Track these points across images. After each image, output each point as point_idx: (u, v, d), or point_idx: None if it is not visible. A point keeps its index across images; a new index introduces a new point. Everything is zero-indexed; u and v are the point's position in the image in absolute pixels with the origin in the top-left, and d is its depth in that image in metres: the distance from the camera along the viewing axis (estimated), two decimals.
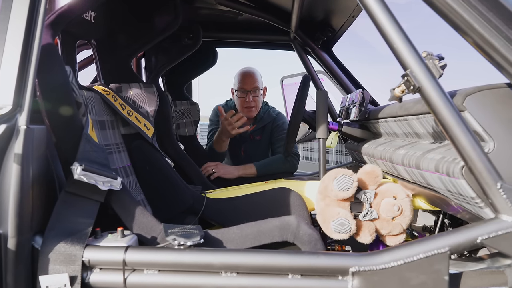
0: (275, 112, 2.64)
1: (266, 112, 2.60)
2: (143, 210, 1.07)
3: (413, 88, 0.85)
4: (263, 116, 2.58)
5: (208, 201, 1.58)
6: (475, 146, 0.82)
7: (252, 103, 2.47)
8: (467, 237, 0.84)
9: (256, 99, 2.49)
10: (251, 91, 2.47)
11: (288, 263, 0.88)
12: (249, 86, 2.47)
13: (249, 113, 2.50)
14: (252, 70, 2.55)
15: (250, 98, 2.46)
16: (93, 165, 0.98)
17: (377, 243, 1.38)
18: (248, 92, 2.47)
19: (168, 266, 0.90)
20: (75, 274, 0.88)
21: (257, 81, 2.49)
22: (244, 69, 2.57)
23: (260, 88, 2.51)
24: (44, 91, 0.96)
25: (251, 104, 2.48)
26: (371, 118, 1.63)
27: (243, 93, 2.48)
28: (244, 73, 2.52)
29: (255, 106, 2.50)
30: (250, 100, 2.46)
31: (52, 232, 0.91)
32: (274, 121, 2.58)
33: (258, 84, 2.49)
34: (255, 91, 2.48)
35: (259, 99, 2.51)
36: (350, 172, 1.22)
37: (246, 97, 2.47)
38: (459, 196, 0.96)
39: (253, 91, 2.47)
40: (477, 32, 0.86)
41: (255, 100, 2.48)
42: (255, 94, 2.48)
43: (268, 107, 2.65)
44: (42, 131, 0.94)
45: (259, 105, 2.53)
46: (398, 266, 0.84)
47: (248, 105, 2.48)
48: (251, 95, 2.47)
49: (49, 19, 1.07)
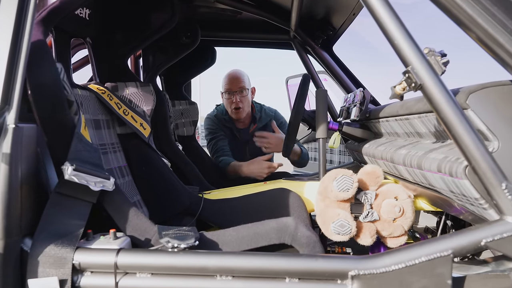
0: (271, 111, 2.69)
1: (262, 111, 2.64)
2: (137, 211, 1.05)
3: (414, 85, 0.83)
4: (261, 115, 2.61)
5: (205, 202, 1.56)
6: (478, 145, 0.79)
7: (240, 103, 2.51)
8: (471, 240, 0.82)
9: (243, 99, 2.52)
10: (237, 91, 2.50)
11: (285, 266, 0.86)
12: (235, 87, 2.51)
13: (238, 115, 2.54)
14: (237, 71, 2.59)
15: (237, 99, 2.49)
16: (85, 165, 0.96)
17: (378, 245, 1.35)
18: (235, 93, 2.50)
19: (161, 269, 0.88)
20: (65, 277, 0.85)
21: (242, 82, 2.53)
22: (230, 71, 2.61)
23: (247, 87, 2.54)
24: (34, 88, 0.94)
25: (239, 105, 2.51)
26: (372, 117, 1.61)
27: (230, 95, 2.52)
28: (230, 74, 2.56)
29: (242, 106, 2.53)
30: (238, 100, 2.50)
31: (42, 234, 0.89)
32: (276, 120, 2.61)
33: (244, 84, 2.53)
34: (242, 92, 2.51)
35: (245, 99, 2.54)
36: (350, 173, 1.20)
37: (233, 98, 2.50)
38: (462, 197, 0.93)
39: (239, 92, 2.50)
40: (480, 27, 0.83)
41: (242, 100, 2.51)
42: (242, 95, 2.51)
43: (261, 106, 2.68)
44: (32, 130, 0.92)
45: (246, 105, 2.56)
46: (399, 270, 0.82)
47: (236, 106, 2.51)
48: (238, 96, 2.50)
49: (41, 15, 1.04)
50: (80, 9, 1.32)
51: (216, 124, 2.61)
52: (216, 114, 2.65)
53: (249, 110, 2.60)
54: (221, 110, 2.65)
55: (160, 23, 1.64)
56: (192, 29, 2.09)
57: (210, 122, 2.64)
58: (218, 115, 2.63)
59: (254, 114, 2.62)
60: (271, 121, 2.57)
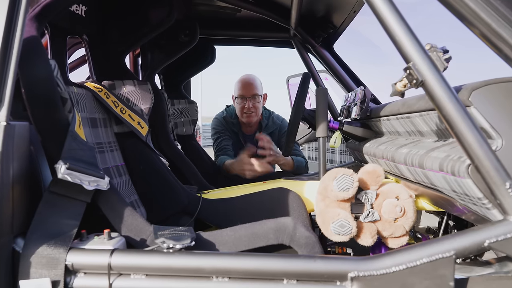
0: (279, 119, 2.70)
1: (269, 118, 2.66)
2: (132, 211, 1.02)
3: (416, 82, 0.81)
4: (267, 123, 2.63)
5: (204, 201, 1.54)
6: (482, 144, 0.77)
7: (252, 109, 2.52)
8: (474, 240, 0.80)
9: (255, 106, 2.53)
10: (250, 98, 2.51)
11: (283, 267, 0.84)
12: (248, 93, 2.52)
13: (249, 119, 2.56)
14: (251, 77, 2.59)
15: (250, 105, 2.51)
16: (78, 164, 0.94)
17: (378, 245, 1.34)
18: (248, 99, 2.51)
19: (156, 270, 0.86)
20: (58, 278, 0.83)
21: (256, 88, 2.54)
22: (243, 76, 2.61)
23: (260, 94, 2.56)
24: (26, 85, 0.92)
25: (251, 110, 2.52)
26: (373, 116, 1.59)
27: (242, 100, 2.52)
28: (243, 80, 2.57)
29: (255, 111, 2.54)
30: (250, 106, 2.51)
31: (34, 234, 0.87)
32: (281, 129, 2.64)
33: (257, 91, 2.54)
34: (254, 98, 2.52)
35: (258, 105, 2.55)
36: (350, 172, 1.19)
37: (245, 103, 2.51)
38: (465, 196, 0.91)
39: (252, 98, 2.52)
40: (484, 22, 0.81)
41: (254, 106, 2.53)
42: (255, 101, 2.52)
43: (270, 114, 2.70)
44: (25, 128, 0.90)
45: (258, 111, 2.58)
46: (400, 271, 0.80)
47: (248, 111, 2.52)
48: (250, 102, 2.51)
49: (34, 11, 1.02)
50: (76, 6, 1.30)
51: (224, 126, 2.63)
52: (225, 116, 2.67)
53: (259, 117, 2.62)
54: (230, 113, 2.67)
55: (158, 20, 1.62)
56: (191, 27, 2.07)
57: (218, 123, 2.66)
58: (226, 117, 2.65)
59: (261, 122, 2.64)
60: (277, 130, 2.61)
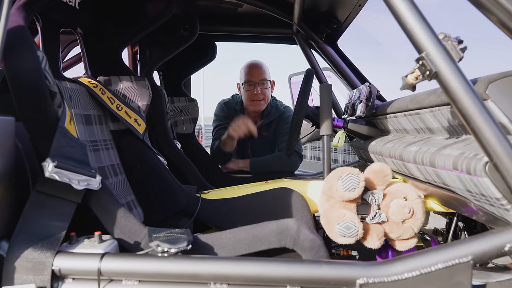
0: (282, 106, 2.56)
1: (274, 106, 2.53)
2: (126, 212, 0.97)
3: (429, 74, 0.75)
4: (270, 111, 2.50)
5: (203, 202, 1.49)
6: (501, 139, 0.72)
7: (260, 95, 2.41)
8: (493, 244, 0.74)
9: (264, 91, 2.42)
10: (258, 83, 2.40)
11: (286, 273, 0.79)
12: (257, 78, 2.41)
13: (258, 107, 2.44)
14: (259, 61, 2.50)
15: (258, 91, 2.40)
16: (68, 162, 0.88)
17: (386, 248, 1.29)
18: (256, 84, 2.40)
19: (149, 276, 0.80)
20: (44, 284, 0.78)
21: (264, 73, 2.44)
22: (250, 61, 2.51)
23: (268, 80, 2.45)
24: (12, 78, 0.86)
25: (259, 97, 2.41)
26: (379, 113, 1.54)
27: (250, 86, 2.42)
28: (251, 65, 2.47)
29: (263, 98, 2.43)
30: (259, 92, 2.40)
31: (19, 237, 0.82)
32: (281, 115, 2.51)
33: (265, 76, 2.43)
34: (263, 83, 2.41)
35: (267, 91, 2.44)
36: (356, 171, 1.16)
37: (254, 89, 2.40)
38: (481, 196, 0.85)
39: (260, 83, 2.41)
40: (503, 7, 0.75)
41: (263, 92, 2.42)
42: (263, 86, 2.42)
43: (276, 101, 2.57)
44: (9, 123, 0.84)
45: (267, 98, 2.46)
46: (413, 278, 0.74)
47: (256, 98, 2.41)
48: (259, 87, 2.40)
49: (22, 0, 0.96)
50: None
51: (225, 112, 2.54)
52: (228, 102, 2.58)
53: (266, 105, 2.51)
54: (235, 101, 2.57)
55: (156, 13, 1.56)
56: (190, 22, 2.01)
57: (220, 109, 2.58)
58: (229, 104, 2.56)
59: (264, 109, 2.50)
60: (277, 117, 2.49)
